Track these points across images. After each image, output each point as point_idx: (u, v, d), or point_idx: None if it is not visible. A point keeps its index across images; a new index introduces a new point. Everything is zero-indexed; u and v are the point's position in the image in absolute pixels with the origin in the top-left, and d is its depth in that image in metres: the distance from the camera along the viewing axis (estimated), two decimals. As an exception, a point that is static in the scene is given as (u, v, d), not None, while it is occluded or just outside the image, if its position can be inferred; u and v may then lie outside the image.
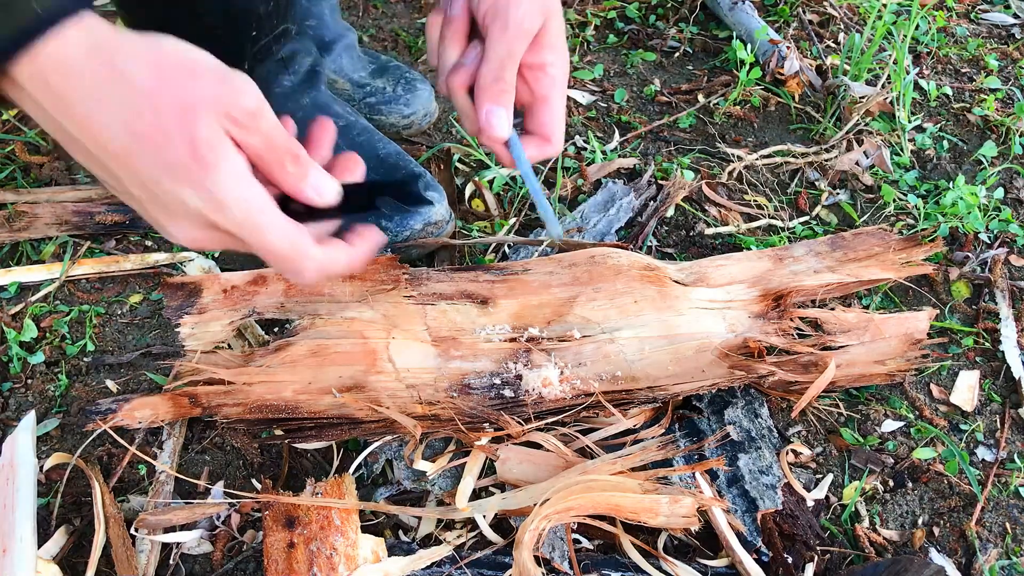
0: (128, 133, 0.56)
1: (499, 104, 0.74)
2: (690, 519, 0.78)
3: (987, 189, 1.21)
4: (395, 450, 0.86)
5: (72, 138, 0.57)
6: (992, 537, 0.87)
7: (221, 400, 0.86)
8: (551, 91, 0.77)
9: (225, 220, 0.58)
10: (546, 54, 0.76)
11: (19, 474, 0.80)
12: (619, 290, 0.96)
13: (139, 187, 0.59)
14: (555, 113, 0.77)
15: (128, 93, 0.56)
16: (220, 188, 0.57)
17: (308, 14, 1.19)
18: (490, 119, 0.74)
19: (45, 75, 0.55)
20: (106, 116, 0.56)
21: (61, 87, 0.55)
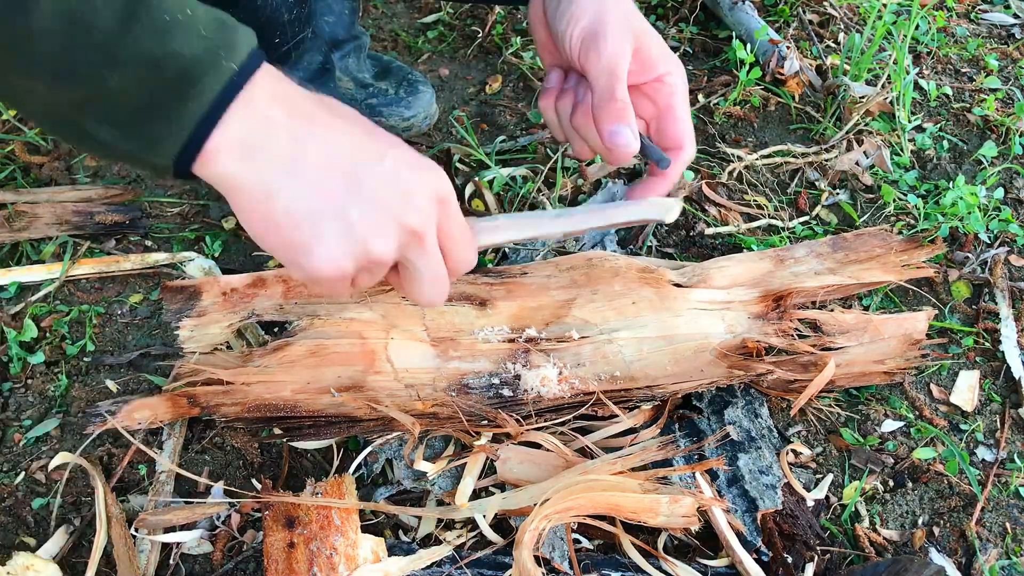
0: (385, 143, 0.66)
1: (620, 122, 0.77)
2: (690, 519, 0.78)
3: (987, 189, 1.21)
4: (395, 450, 0.86)
5: (306, 143, 0.63)
6: (992, 537, 0.87)
7: (219, 400, 0.86)
8: (672, 99, 0.80)
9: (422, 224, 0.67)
10: (659, 66, 0.80)
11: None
12: (617, 292, 0.96)
13: (383, 182, 0.66)
14: (681, 120, 0.81)
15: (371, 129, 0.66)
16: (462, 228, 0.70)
17: (329, 10, 1.19)
18: (614, 139, 0.77)
19: (266, 104, 0.62)
20: (357, 130, 0.66)
21: (302, 105, 0.64)
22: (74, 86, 0.58)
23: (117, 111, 0.60)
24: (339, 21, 1.22)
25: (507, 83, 1.39)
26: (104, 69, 0.57)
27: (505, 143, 1.26)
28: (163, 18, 0.58)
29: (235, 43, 0.61)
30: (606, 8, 0.80)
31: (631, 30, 0.79)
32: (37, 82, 0.57)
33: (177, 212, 1.14)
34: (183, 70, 0.59)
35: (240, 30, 0.62)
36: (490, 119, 1.32)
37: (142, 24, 0.57)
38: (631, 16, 0.80)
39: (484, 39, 1.45)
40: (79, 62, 0.56)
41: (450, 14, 1.51)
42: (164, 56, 0.58)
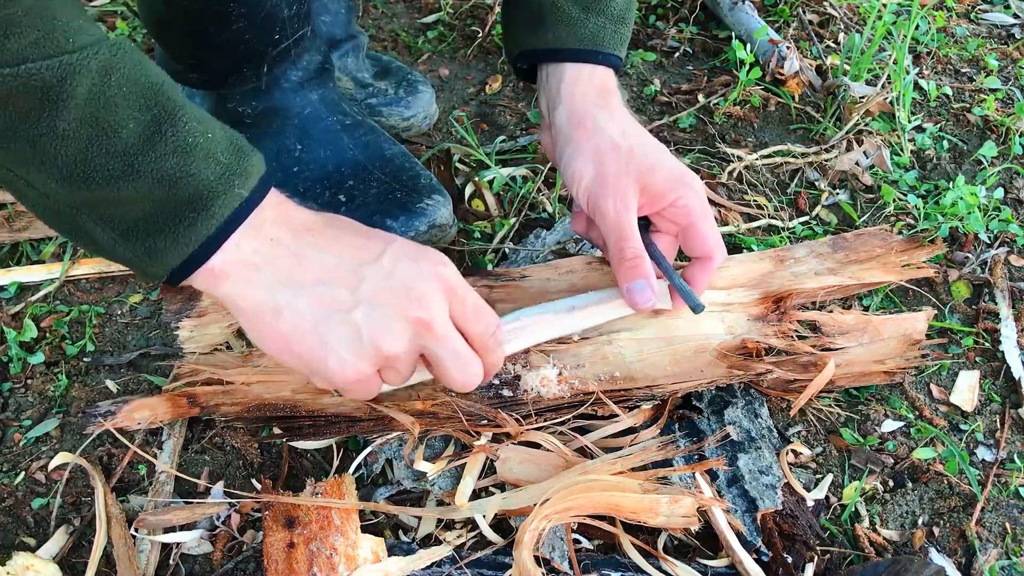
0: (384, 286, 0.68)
1: (635, 279, 0.83)
2: (690, 519, 0.78)
3: (987, 189, 1.21)
4: (395, 450, 0.86)
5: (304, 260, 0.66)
6: (992, 537, 0.87)
7: (219, 399, 0.86)
8: (690, 218, 0.84)
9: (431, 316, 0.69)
10: (667, 196, 0.84)
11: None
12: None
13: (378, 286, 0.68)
14: (704, 234, 0.85)
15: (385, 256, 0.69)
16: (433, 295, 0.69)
17: (325, 10, 1.19)
18: (632, 296, 0.83)
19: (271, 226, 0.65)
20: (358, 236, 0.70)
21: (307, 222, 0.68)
22: (85, 189, 0.58)
23: (122, 218, 0.61)
24: (336, 20, 1.22)
25: (507, 83, 1.39)
26: (120, 179, 0.58)
27: (505, 143, 1.26)
28: (187, 140, 0.60)
29: (248, 170, 0.64)
30: (605, 163, 0.84)
31: (633, 176, 0.83)
32: (49, 179, 0.58)
33: (177, 212, 1.14)
34: (198, 192, 0.61)
35: (253, 156, 0.65)
36: (490, 119, 1.32)
37: (166, 143, 0.59)
38: (634, 158, 0.84)
39: (484, 39, 1.45)
40: (96, 168, 0.58)
41: (450, 14, 1.51)
42: (182, 176, 0.60)
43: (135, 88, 0.58)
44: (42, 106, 0.55)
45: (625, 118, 0.88)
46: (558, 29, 0.88)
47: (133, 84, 0.58)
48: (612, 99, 0.89)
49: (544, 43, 0.89)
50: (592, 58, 0.89)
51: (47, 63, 0.54)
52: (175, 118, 0.60)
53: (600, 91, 0.89)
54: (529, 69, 0.95)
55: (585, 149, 0.85)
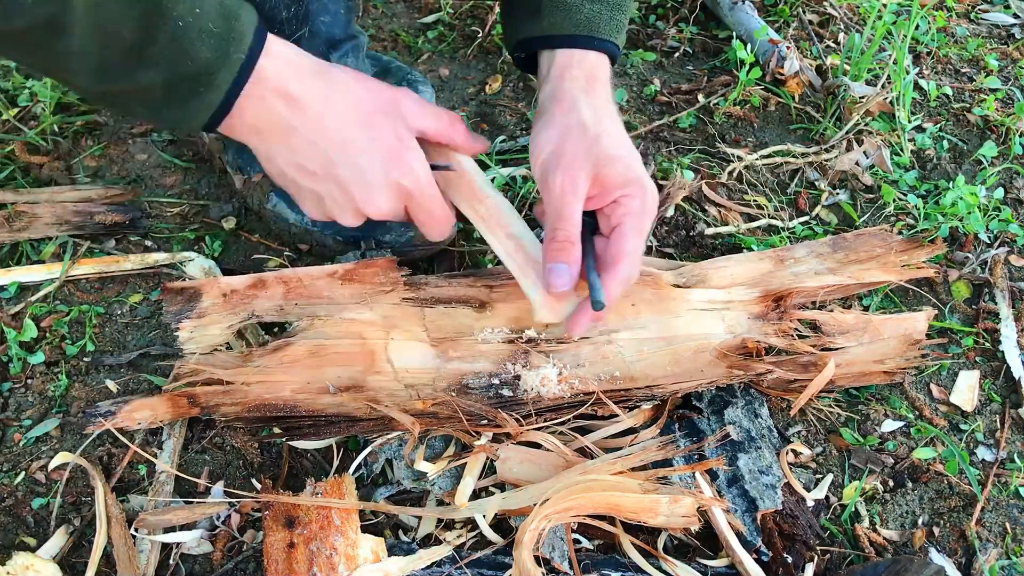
0: (352, 125, 0.78)
1: (557, 260, 0.82)
2: (690, 519, 0.78)
3: (987, 189, 1.21)
4: (395, 450, 0.86)
5: (296, 136, 0.77)
6: (992, 537, 0.87)
7: (219, 400, 0.86)
8: (622, 218, 0.84)
9: (414, 184, 0.81)
10: (614, 192, 0.84)
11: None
12: None
13: (351, 168, 0.79)
14: (624, 238, 0.83)
15: (350, 99, 0.78)
16: (416, 163, 0.81)
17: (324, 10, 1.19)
18: (550, 276, 0.82)
19: (271, 89, 0.74)
20: (335, 115, 0.77)
21: (297, 94, 0.76)
22: (111, 83, 0.70)
23: (148, 98, 0.72)
24: (335, 21, 1.22)
25: (507, 83, 1.39)
26: (135, 71, 0.69)
27: (505, 143, 1.26)
28: (178, 24, 0.68)
29: (241, 32, 0.71)
30: (566, 142, 0.84)
31: (591, 161, 0.83)
32: (81, 80, 0.70)
33: (177, 212, 1.14)
34: (199, 69, 0.70)
35: (243, 15, 0.72)
36: (490, 119, 1.32)
37: (161, 32, 0.68)
38: (598, 145, 0.84)
39: (484, 39, 1.45)
40: (113, 67, 0.68)
41: (450, 14, 1.51)
42: (183, 58, 0.69)
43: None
44: (52, 33, 0.64)
45: (605, 108, 0.88)
46: (554, 16, 0.89)
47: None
48: (598, 87, 0.89)
49: (540, 30, 0.90)
50: (587, 44, 0.89)
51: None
52: (162, 5, 0.67)
53: (588, 77, 0.89)
54: (527, 59, 0.95)
55: (554, 124, 0.86)
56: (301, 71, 0.77)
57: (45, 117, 1.22)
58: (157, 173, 1.19)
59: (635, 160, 0.85)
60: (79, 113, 1.25)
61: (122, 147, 1.22)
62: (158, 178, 1.19)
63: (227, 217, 1.13)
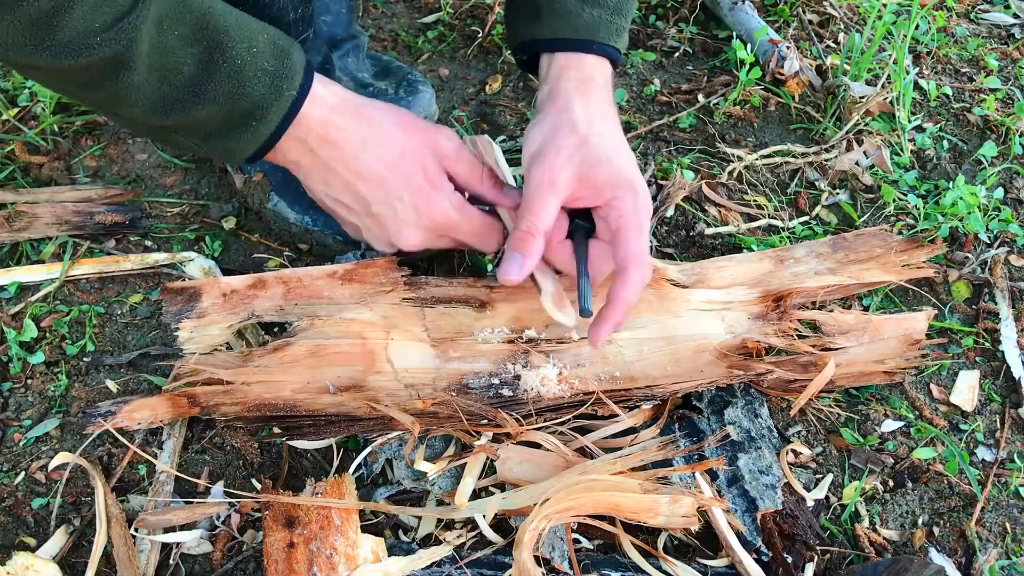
0: (386, 167, 0.82)
1: (515, 251, 0.84)
2: (690, 519, 0.78)
3: (987, 189, 1.21)
4: (395, 450, 0.86)
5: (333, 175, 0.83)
6: (992, 537, 0.87)
7: (219, 400, 0.86)
8: (619, 222, 0.84)
9: (447, 221, 0.85)
10: (606, 192, 0.84)
11: None
12: None
13: (385, 207, 0.84)
14: (626, 241, 0.84)
15: (385, 139, 0.82)
16: (446, 202, 0.85)
17: (326, 10, 1.19)
18: (503, 265, 0.84)
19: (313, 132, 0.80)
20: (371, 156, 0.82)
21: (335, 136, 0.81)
22: (166, 117, 0.74)
23: (200, 131, 0.77)
24: (337, 20, 1.22)
25: (507, 83, 1.39)
26: (191, 106, 0.73)
27: (505, 143, 1.26)
28: (236, 62, 0.73)
29: (292, 71, 0.76)
30: (553, 139, 0.85)
31: (576, 161, 0.83)
32: (133, 113, 0.73)
33: (177, 212, 1.14)
34: (254, 105, 0.75)
35: (294, 54, 0.77)
36: (490, 119, 1.32)
37: (220, 69, 0.72)
38: (586, 145, 0.84)
39: (484, 39, 1.45)
40: (169, 101, 0.72)
41: (450, 14, 1.51)
42: (239, 95, 0.74)
43: (184, 29, 0.70)
44: (115, 69, 0.68)
45: (599, 109, 0.88)
46: (555, 20, 0.90)
47: (182, 25, 0.70)
48: (594, 88, 0.89)
49: (541, 33, 0.91)
50: (587, 48, 0.90)
51: (110, 34, 0.66)
52: (223, 46, 0.72)
53: (585, 79, 0.89)
54: (529, 60, 0.96)
55: (545, 122, 0.87)
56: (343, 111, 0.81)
57: (45, 117, 1.22)
58: (157, 173, 1.19)
59: (626, 161, 0.86)
60: (79, 113, 1.25)
61: (122, 147, 1.22)
62: (158, 178, 1.19)
63: (227, 217, 1.13)
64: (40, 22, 0.64)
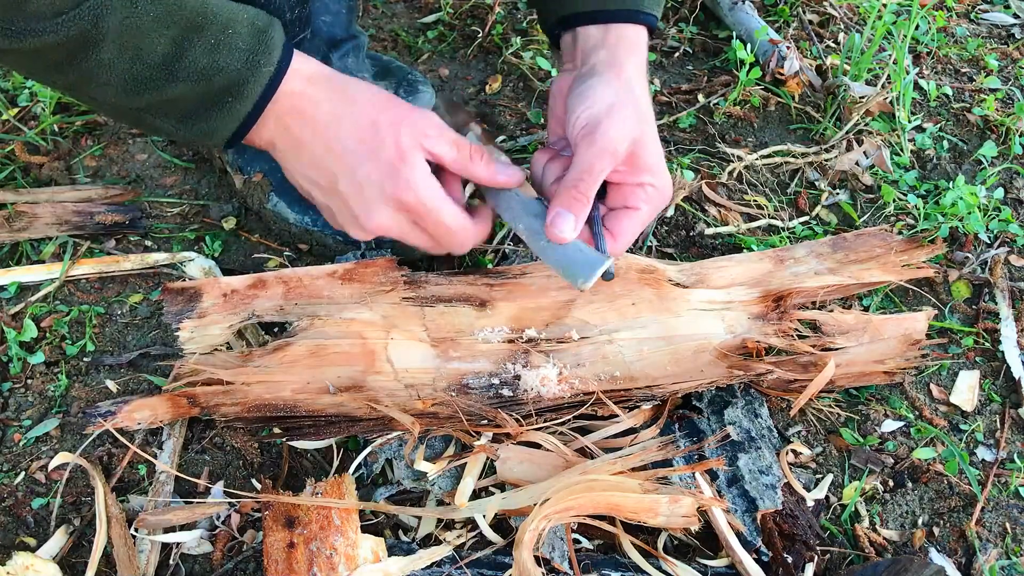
0: (356, 140, 0.79)
1: (569, 210, 0.82)
2: (690, 519, 0.78)
3: (987, 189, 1.21)
4: (395, 449, 0.86)
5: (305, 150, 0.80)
6: (992, 537, 0.87)
7: (219, 400, 0.86)
8: (640, 203, 0.85)
9: (415, 201, 0.79)
10: (645, 175, 0.85)
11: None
12: (617, 293, 0.96)
13: (351, 183, 0.80)
14: (633, 225, 0.85)
15: (358, 113, 0.79)
16: (415, 178, 0.79)
17: (326, 10, 1.19)
18: (556, 220, 0.81)
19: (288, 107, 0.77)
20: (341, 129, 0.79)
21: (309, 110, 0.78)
22: (139, 96, 0.72)
23: (175, 111, 0.74)
24: (336, 21, 1.22)
25: (507, 83, 1.39)
26: (164, 85, 0.71)
27: (505, 143, 1.26)
28: (211, 41, 0.71)
29: (271, 46, 0.74)
30: (621, 104, 0.84)
31: (634, 136, 0.83)
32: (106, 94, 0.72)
33: (177, 212, 1.14)
34: (230, 82, 0.73)
35: (273, 31, 0.75)
36: (490, 119, 1.32)
37: (195, 48, 0.71)
38: (646, 123, 0.85)
39: (484, 39, 1.45)
40: (142, 80, 0.70)
41: (450, 14, 1.51)
42: (214, 71, 0.72)
43: (159, 8, 0.68)
44: (84, 47, 0.66)
45: (646, 88, 0.89)
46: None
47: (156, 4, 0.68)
48: (643, 65, 0.90)
49: (585, 7, 0.90)
50: (633, 18, 0.90)
51: (78, 10, 0.64)
52: (198, 26, 0.70)
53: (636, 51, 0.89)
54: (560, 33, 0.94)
55: (612, 85, 0.85)
56: (320, 87, 0.79)
57: (45, 117, 1.22)
58: (157, 173, 1.19)
59: (660, 150, 0.87)
60: (79, 113, 1.25)
61: (122, 147, 1.22)
62: (158, 178, 1.19)
63: (227, 217, 1.13)
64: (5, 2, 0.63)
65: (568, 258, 0.82)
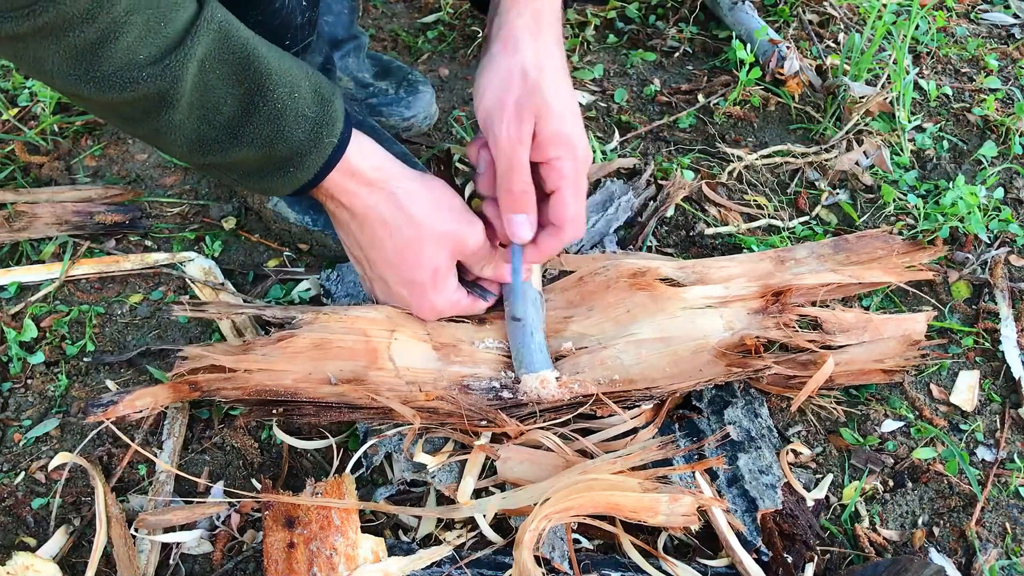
0: (397, 255, 0.84)
1: (517, 211, 0.84)
2: (690, 518, 0.78)
3: (987, 189, 1.21)
4: (395, 443, 0.86)
5: (351, 235, 0.86)
6: (992, 537, 0.87)
7: (220, 384, 0.85)
8: (559, 183, 0.84)
9: (431, 315, 0.90)
10: (549, 150, 0.83)
11: None
12: (611, 303, 0.96)
13: (380, 279, 0.88)
14: (565, 203, 0.84)
15: (408, 224, 0.82)
16: (440, 300, 0.87)
17: (328, 10, 1.19)
18: (511, 227, 0.85)
19: (344, 200, 0.81)
20: (387, 240, 0.83)
21: (360, 210, 0.82)
22: (205, 156, 0.73)
23: (239, 169, 0.77)
24: (338, 21, 1.22)
25: (507, 83, 1.39)
26: (229, 147, 0.73)
27: (505, 143, 1.26)
28: (276, 106, 0.72)
29: (334, 119, 0.76)
30: (510, 89, 0.82)
31: (532, 111, 0.81)
32: (177, 151, 0.74)
33: (177, 212, 1.14)
34: (292, 151, 0.74)
35: (335, 100, 0.76)
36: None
37: (259, 112, 0.72)
38: (537, 93, 0.81)
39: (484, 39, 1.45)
40: (208, 141, 0.72)
41: (450, 14, 1.51)
42: (278, 139, 0.73)
43: (227, 68, 0.69)
44: (158, 106, 0.68)
45: (549, 51, 0.85)
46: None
47: (225, 65, 0.69)
48: (544, 27, 0.86)
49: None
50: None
51: (155, 69, 0.65)
52: (264, 88, 0.71)
53: (535, 14, 0.85)
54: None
55: (497, 67, 0.83)
56: (374, 192, 0.81)
57: (45, 117, 1.23)
58: (157, 173, 1.19)
59: (572, 114, 0.84)
60: (79, 113, 1.25)
61: (122, 147, 1.22)
62: (158, 178, 1.19)
63: (227, 217, 1.13)
64: (86, 52, 0.63)
65: (521, 350, 0.89)
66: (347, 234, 0.86)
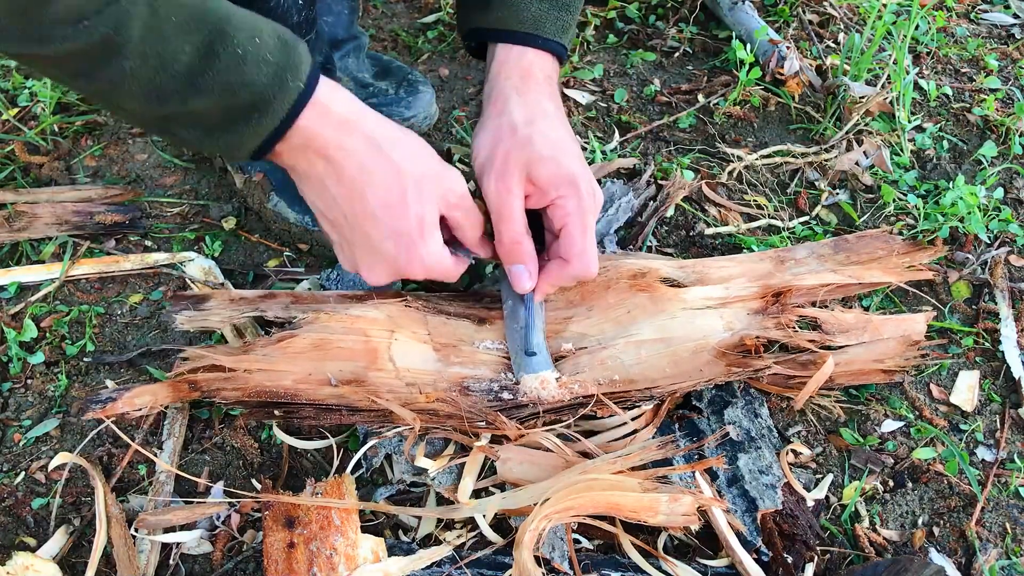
0: (380, 204, 0.77)
1: (513, 263, 0.86)
2: (690, 517, 0.78)
3: (987, 189, 1.21)
4: (395, 445, 0.86)
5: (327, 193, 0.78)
6: (992, 537, 0.87)
7: (220, 384, 0.85)
8: (565, 220, 0.85)
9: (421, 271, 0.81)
10: (550, 192, 0.85)
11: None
12: (611, 303, 0.96)
13: (362, 236, 0.79)
14: (571, 238, 0.85)
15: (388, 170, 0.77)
16: (427, 254, 0.80)
17: (328, 10, 1.19)
18: (512, 276, 0.88)
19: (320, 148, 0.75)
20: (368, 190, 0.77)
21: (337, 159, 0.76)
22: (162, 106, 0.70)
23: (199, 124, 0.72)
24: (338, 21, 1.22)
25: (507, 83, 1.39)
26: (188, 96, 0.69)
27: (505, 143, 1.26)
28: (237, 52, 0.69)
29: (298, 63, 0.72)
30: (499, 144, 0.85)
31: (522, 163, 0.84)
32: (130, 103, 0.70)
33: (177, 212, 1.14)
34: (256, 96, 0.70)
35: (299, 48, 0.73)
36: (490, 119, 1.32)
37: (220, 59, 0.68)
38: (529, 146, 0.84)
39: (484, 39, 1.44)
40: (166, 90, 0.68)
41: (450, 14, 1.51)
42: (240, 85, 0.69)
43: (182, 14, 0.66)
44: (106, 54, 0.65)
45: (539, 106, 0.87)
46: (502, 10, 0.90)
47: (180, 10, 0.66)
48: (532, 86, 0.89)
49: (488, 23, 0.91)
50: (529, 41, 0.90)
51: (100, 16, 0.62)
52: (224, 34, 0.68)
53: (523, 75, 0.89)
54: (478, 48, 0.96)
55: (489, 127, 0.87)
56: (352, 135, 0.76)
57: (45, 117, 1.23)
58: (157, 173, 1.19)
59: (568, 156, 0.85)
60: (79, 113, 1.25)
61: (122, 147, 1.22)
62: (158, 178, 1.19)
63: (227, 217, 1.13)
64: (28, 6, 0.62)
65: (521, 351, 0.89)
66: (322, 193, 0.79)
